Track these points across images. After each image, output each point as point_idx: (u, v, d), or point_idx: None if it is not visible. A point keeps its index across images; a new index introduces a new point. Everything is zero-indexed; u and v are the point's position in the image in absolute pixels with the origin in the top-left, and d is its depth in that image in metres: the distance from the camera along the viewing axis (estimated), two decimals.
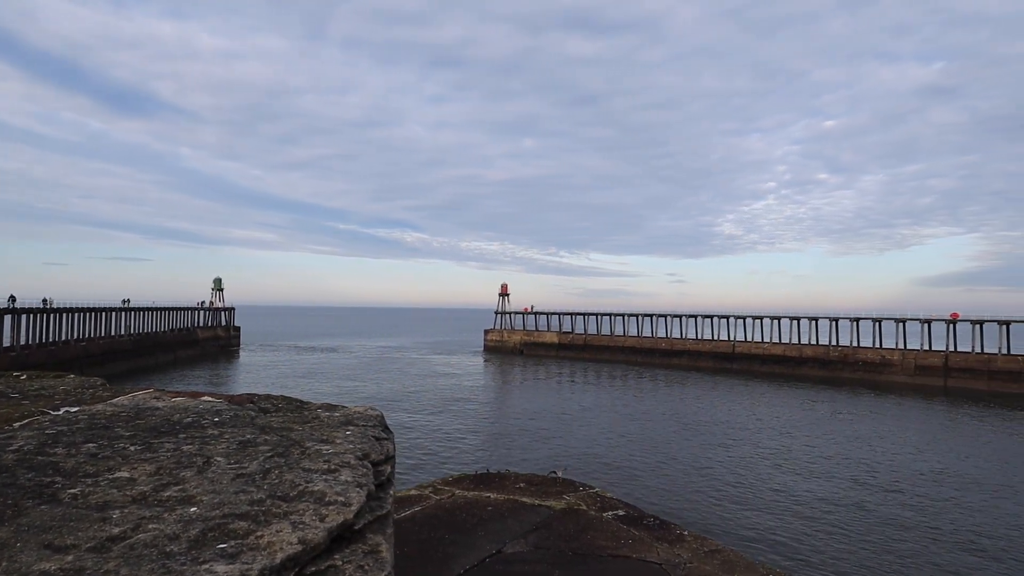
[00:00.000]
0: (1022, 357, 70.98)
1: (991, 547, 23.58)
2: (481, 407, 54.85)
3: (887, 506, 28.32)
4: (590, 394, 64.22)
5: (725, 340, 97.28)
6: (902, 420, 52.16)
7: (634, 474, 32.74)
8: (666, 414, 52.12)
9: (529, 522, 9.54)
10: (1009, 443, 43.55)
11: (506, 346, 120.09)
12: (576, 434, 42.93)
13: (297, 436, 1.95)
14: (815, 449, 40.04)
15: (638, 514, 10.10)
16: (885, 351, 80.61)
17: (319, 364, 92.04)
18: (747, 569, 8.07)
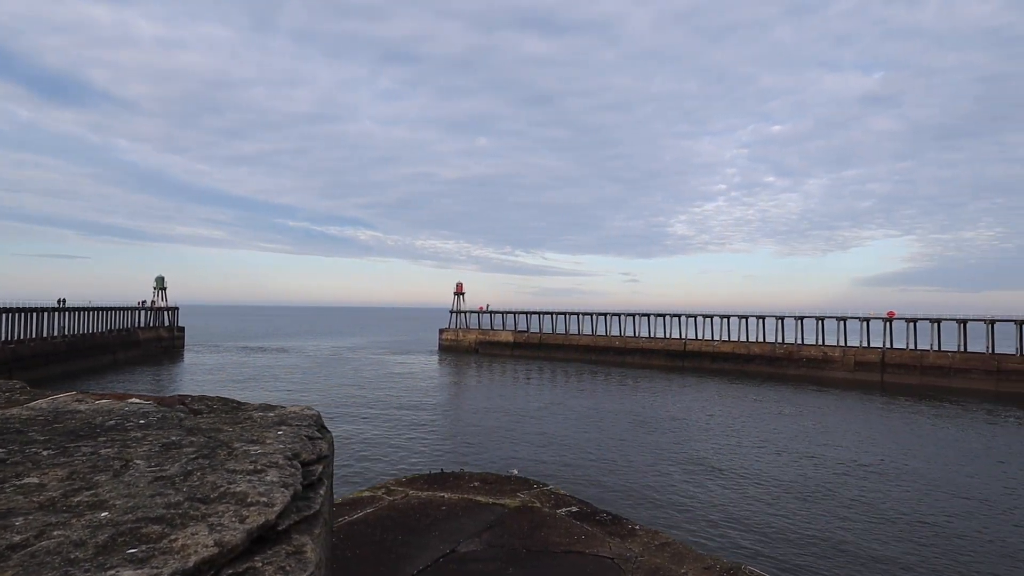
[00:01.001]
0: (951, 353, 75.08)
1: (928, 534, 24.77)
2: (436, 407, 54.51)
3: (831, 498, 29.43)
4: (545, 393, 64.63)
5: (677, 338, 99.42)
6: (843, 415, 54.34)
7: (589, 471, 33.09)
8: (620, 412, 52.89)
9: (483, 521, 9.50)
10: (940, 435, 45.90)
11: (461, 345, 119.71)
12: (531, 433, 43.12)
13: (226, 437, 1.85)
14: (762, 444, 41.30)
15: (591, 510, 10.19)
16: (827, 348, 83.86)
17: (268, 365, 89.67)
18: (695, 560, 8.23)
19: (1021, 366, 69.12)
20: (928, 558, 22.29)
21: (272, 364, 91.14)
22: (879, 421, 51.35)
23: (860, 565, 21.54)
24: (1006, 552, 23.03)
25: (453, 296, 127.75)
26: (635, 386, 70.74)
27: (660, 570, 7.50)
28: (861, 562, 21.80)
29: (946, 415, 54.60)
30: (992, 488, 31.43)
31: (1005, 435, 46.09)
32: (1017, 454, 39.59)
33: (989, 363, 71.28)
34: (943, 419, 52.64)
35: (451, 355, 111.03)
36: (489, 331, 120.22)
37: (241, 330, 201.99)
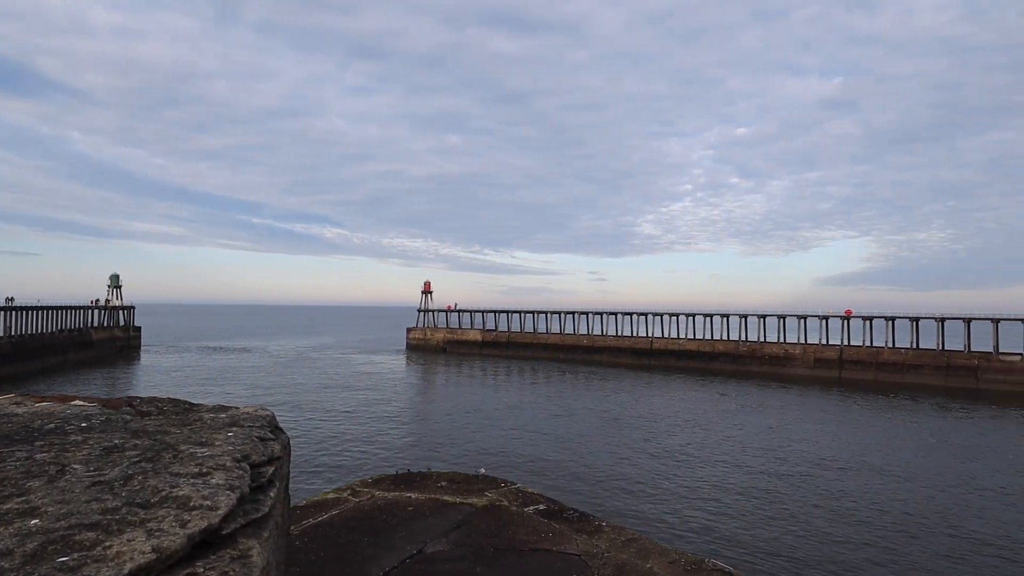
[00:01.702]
0: (904, 350, 77.78)
1: (887, 522, 25.57)
2: (404, 406, 54.07)
3: (793, 492, 30.14)
4: (513, 391, 64.69)
5: (644, 337, 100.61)
6: (804, 411, 55.74)
7: (557, 469, 33.22)
8: (588, 410, 53.26)
9: (451, 520, 9.43)
10: (895, 430, 47.45)
11: (429, 344, 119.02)
12: (500, 432, 43.10)
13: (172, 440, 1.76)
14: (727, 441, 42.08)
15: (559, 508, 10.21)
16: (788, 345, 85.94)
17: (230, 366, 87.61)
18: (661, 555, 8.31)
19: (968, 362, 71.95)
20: (887, 547, 22.99)
21: (234, 365, 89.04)
22: (838, 416, 52.83)
23: (821, 555, 22.10)
24: (960, 535, 23.91)
25: (421, 295, 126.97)
26: (603, 384, 71.33)
27: (626, 566, 7.55)
28: (822, 552, 22.37)
29: (900, 409, 56.47)
30: (946, 478, 32.61)
31: (955, 428, 47.91)
32: (968, 447, 41.16)
33: (939, 359, 74.02)
34: (897, 413, 54.43)
35: (419, 354, 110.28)
36: (457, 330, 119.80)
37: (202, 330, 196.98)
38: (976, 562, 21.82)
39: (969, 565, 21.59)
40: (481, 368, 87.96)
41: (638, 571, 7.46)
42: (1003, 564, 21.74)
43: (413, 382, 73.39)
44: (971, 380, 70.52)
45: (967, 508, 27.84)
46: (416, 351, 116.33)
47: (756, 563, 21.15)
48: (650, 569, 7.56)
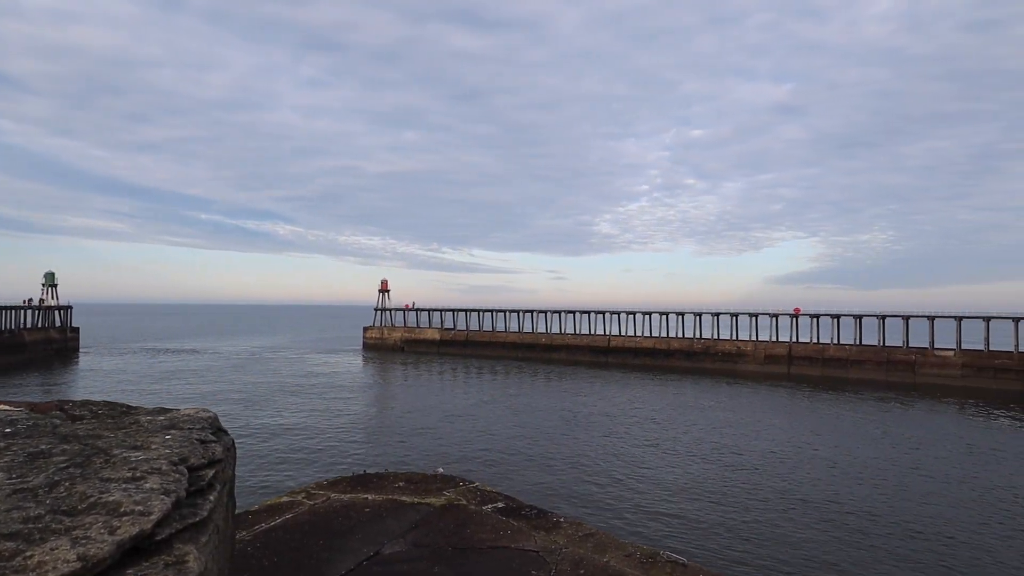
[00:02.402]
0: (848, 346, 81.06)
1: (835, 511, 26.51)
2: (360, 407, 53.30)
3: (746, 484, 30.96)
4: (472, 390, 64.55)
5: (601, 335, 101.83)
6: (755, 405, 57.34)
7: (516, 467, 33.30)
8: (547, 408, 53.56)
9: (409, 521, 9.34)
10: (841, 423, 49.30)
11: (386, 343, 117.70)
12: (459, 431, 42.94)
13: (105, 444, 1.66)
14: (682, 436, 42.94)
15: (517, 505, 10.23)
16: (740, 343, 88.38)
17: (178, 367, 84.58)
18: (617, 548, 8.42)
19: (907, 357, 75.37)
20: (838, 536, 23.85)
21: (181, 367, 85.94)
22: (787, 411, 54.56)
23: (773, 545, 22.77)
24: (906, 520, 25.00)
25: (378, 293, 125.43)
26: (561, 382, 71.87)
27: (583, 560, 7.62)
28: (774, 541, 23.05)
29: (845, 403, 58.73)
30: (890, 468, 34.05)
31: (896, 421, 50.06)
32: (909, 438, 43.06)
33: (880, 355, 77.33)
34: (843, 407, 56.57)
35: (376, 354, 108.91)
36: (415, 329, 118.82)
37: (147, 330, 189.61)
38: (922, 546, 22.84)
39: (915, 549, 22.59)
40: (439, 367, 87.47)
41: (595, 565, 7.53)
42: (945, 546, 22.82)
43: (370, 382, 72.42)
44: (909, 374, 73.92)
45: (911, 495, 29.13)
46: (373, 350, 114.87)
47: (711, 554, 21.64)
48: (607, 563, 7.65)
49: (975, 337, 75.62)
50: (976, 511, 26.99)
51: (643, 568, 7.52)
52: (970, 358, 71.94)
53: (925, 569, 21.00)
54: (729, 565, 20.53)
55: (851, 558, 21.79)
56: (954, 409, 55.78)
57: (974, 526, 25.11)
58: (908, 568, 21.09)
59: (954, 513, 26.78)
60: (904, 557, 21.97)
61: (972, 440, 42.35)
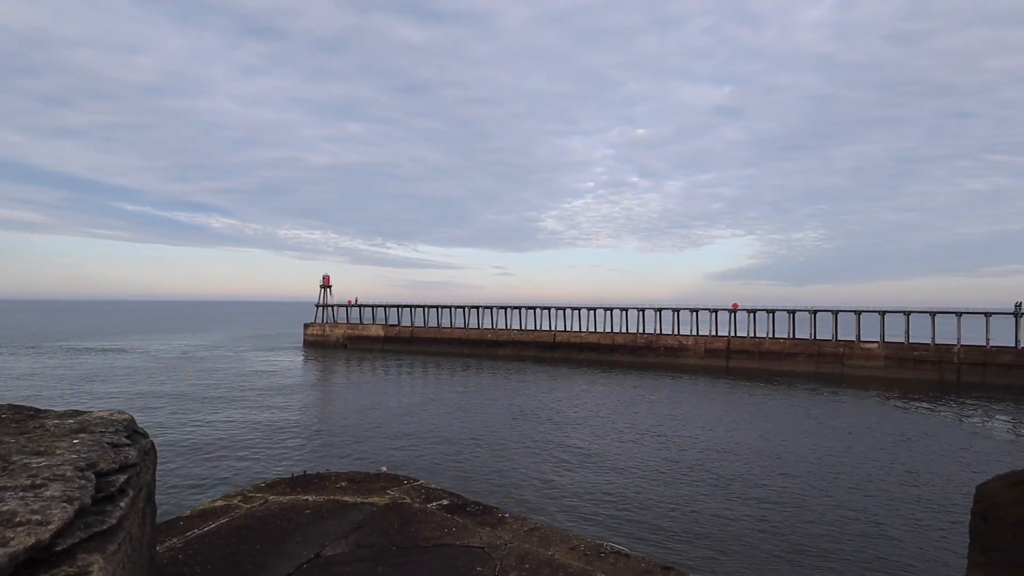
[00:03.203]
0: (783, 340, 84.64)
1: (772, 499, 27.61)
2: (301, 406, 51.95)
3: (689, 475, 31.87)
4: (417, 387, 63.96)
5: (547, 331, 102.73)
6: (697, 398, 59.11)
7: (462, 464, 33.21)
8: (493, 404, 53.64)
9: (351, 521, 9.14)
10: (777, 414, 51.41)
11: (328, 340, 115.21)
12: (404, 429, 42.47)
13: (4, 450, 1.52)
14: (627, 429, 43.82)
15: (462, 502, 10.18)
16: (682, 337, 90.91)
17: (101, 368, 79.88)
18: (562, 541, 8.50)
19: (836, 350, 79.36)
20: (777, 522, 24.85)
21: (105, 367, 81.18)
22: (727, 403, 56.48)
23: (715, 533, 23.53)
24: (841, 505, 26.29)
25: (319, 289, 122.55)
26: (507, 378, 72.10)
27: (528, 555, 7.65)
28: (716, 530, 23.82)
29: (780, 395, 61.29)
30: (824, 457, 35.73)
31: (826, 411, 52.59)
32: (839, 428, 45.29)
33: (811, 348, 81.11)
34: (778, 399, 59.03)
35: (317, 351, 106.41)
36: (358, 325, 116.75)
37: (68, 328, 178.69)
38: (854, 530, 24.07)
39: (849, 532, 23.78)
40: (383, 364, 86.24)
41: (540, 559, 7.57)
42: (873, 529, 24.13)
43: (311, 380, 70.67)
44: (837, 366, 77.84)
45: (843, 481, 30.65)
46: (314, 348, 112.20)
47: (653, 543, 22.18)
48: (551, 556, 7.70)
49: (897, 330, 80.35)
50: (900, 494, 28.66)
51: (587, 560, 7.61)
52: (892, 350, 76.39)
53: (857, 547, 22.16)
54: (670, 554, 21.09)
55: (789, 543, 22.76)
56: (878, 398, 59.06)
57: (898, 507, 26.66)
58: (842, 547, 22.20)
59: (881, 496, 28.36)
60: (837, 538, 23.11)
61: (895, 428, 44.97)
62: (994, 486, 4.72)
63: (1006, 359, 70.28)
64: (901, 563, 21.02)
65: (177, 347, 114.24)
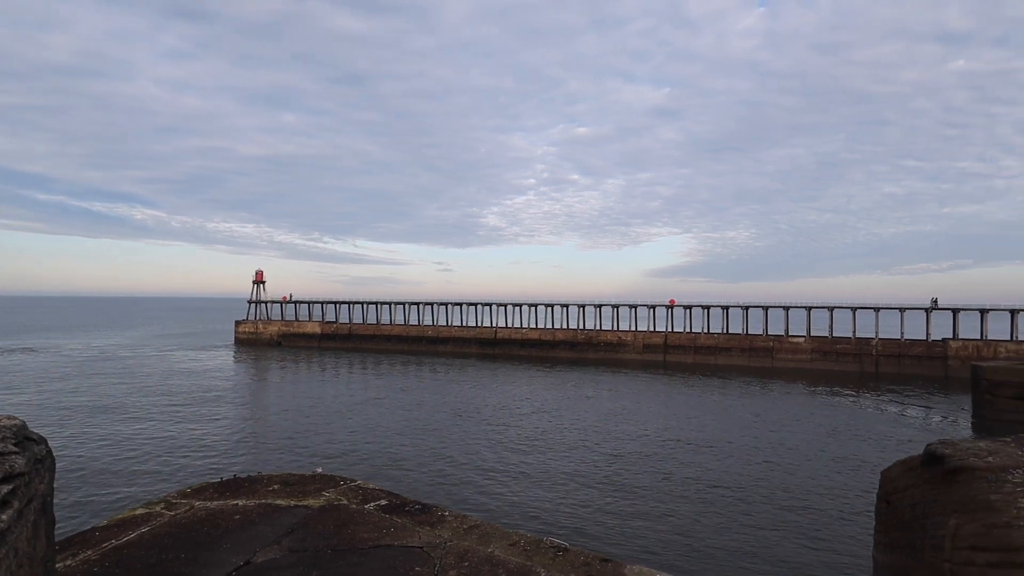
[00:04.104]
0: (717, 335, 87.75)
1: (709, 489, 28.47)
2: (232, 407, 49.95)
3: (629, 469, 32.46)
4: (356, 386, 62.69)
5: (488, 327, 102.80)
6: (636, 392, 60.39)
7: (403, 463, 32.73)
8: (434, 401, 53.16)
9: (284, 525, 8.79)
10: (713, 406, 53.15)
11: (262, 338, 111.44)
12: (342, 428, 41.50)
13: None
14: (567, 424, 44.29)
15: (401, 501, 9.97)
16: (621, 333, 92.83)
17: (5, 370, 74.45)
18: (502, 538, 8.45)
19: (766, 344, 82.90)
20: (716, 512, 25.62)
21: (11, 368, 75.63)
22: (665, 397, 57.98)
23: (655, 526, 24.06)
24: (777, 491, 27.37)
25: (252, 285, 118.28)
26: (448, 375, 71.66)
27: (468, 552, 7.55)
28: (654, 522, 24.36)
29: (715, 387, 63.46)
30: (757, 446, 37.17)
31: (757, 402, 54.79)
32: (769, 418, 47.25)
33: (744, 342, 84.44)
34: (714, 391, 61.08)
35: (249, 349, 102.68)
36: (293, 322, 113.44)
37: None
38: (787, 518, 25.10)
39: (781, 519, 24.78)
40: (320, 362, 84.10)
41: (479, 557, 7.50)
42: (801, 515, 25.26)
43: (243, 380, 68.07)
44: (768, 359, 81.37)
45: (776, 470, 31.96)
46: (246, 346, 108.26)
47: (595, 536, 22.48)
48: (491, 553, 7.64)
49: (822, 325, 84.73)
50: (828, 481, 30.15)
51: (526, 555, 7.59)
52: (817, 344, 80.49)
53: (788, 532, 23.14)
54: (609, 547, 21.44)
55: (725, 530, 23.53)
56: (805, 390, 62.03)
57: (824, 492, 28.04)
58: (774, 532, 23.13)
59: (810, 483, 29.74)
60: (770, 524, 24.07)
61: (821, 418, 47.33)
62: (894, 471, 5.07)
63: (918, 351, 75.28)
64: (826, 547, 22.10)
65: (95, 347, 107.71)
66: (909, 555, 3.96)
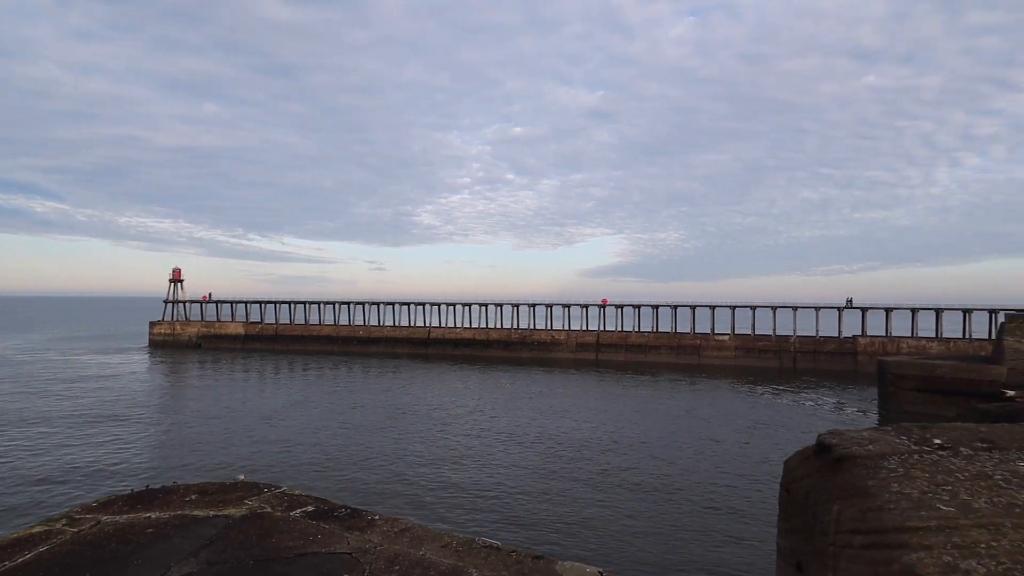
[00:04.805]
0: (647, 333, 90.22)
1: (645, 486, 29.07)
2: (146, 414, 47.04)
3: (564, 469, 32.75)
4: (283, 388, 60.49)
5: (422, 326, 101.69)
6: (570, 391, 61.19)
7: (333, 467, 31.77)
8: (365, 403, 52.00)
9: (203, 536, 8.23)
10: (644, 403, 54.54)
11: (180, 340, 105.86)
12: (268, 434, 39.87)
13: None
14: (502, 424, 44.32)
15: (329, 507, 9.55)
16: (554, 332, 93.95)
17: None
18: (434, 540, 8.22)
19: (693, 342, 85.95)
20: (649, 510, 26.16)
21: None
22: (599, 395, 59.04)
23: (586, 522, 24.33)
24: (701, 484, 28.23)
25: (169, 283, 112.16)
26: (381, 376, 70.33)
27: (399, 556, 7.30)
28: (587, 519, 24.64)
29: (646, 385, 65.18)
30: (686, 442, 38.32)
31: (686, 399, 56.67)
32: (701, 416, 48.90)
33: (673, 340, 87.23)
34: (645, 389, 62.72)
35: (166, 352, 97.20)
36: (215, 323, 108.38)
37: None
38: (719, 508, 25.94)
39: (710, 511, 25.59)
40: (244, 365, 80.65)
41: (411, 560, 7.26)
42: (734, 501, 26.19)
43: (158, 384, 64.29)
44: (695, 357, 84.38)
45: (704, 464, 33.03)
46: (162, 348, 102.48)
47: (529, 535, 22.51)
48: (423, 556, 7.42)
49: (745, 323, 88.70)
50: (752, 471, 31.44)
51: (459, 556, 7.42)
52: (741, 341, 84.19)
53: (717, 523, 23.93)
54: (543, 545, 21.54)
55: (657, 524, 24.09)
56: (730, 386, 64.67)
57: (750, 484, 29.22)
58: (705, 522, 23.87)
59: (734, 474, 30.93)
60: (699, 515, 24.84)
61: (745, 413, 49.46)
62: (793, 461, 5.36)
63: (831, 347, 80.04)
64: (745, 535, 23.02)
65: None
66: (804, 540, 4.22)
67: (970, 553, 3.49)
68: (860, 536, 4.07)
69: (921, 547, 3.67)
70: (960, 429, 6.05)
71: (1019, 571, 3.30)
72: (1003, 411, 8.75)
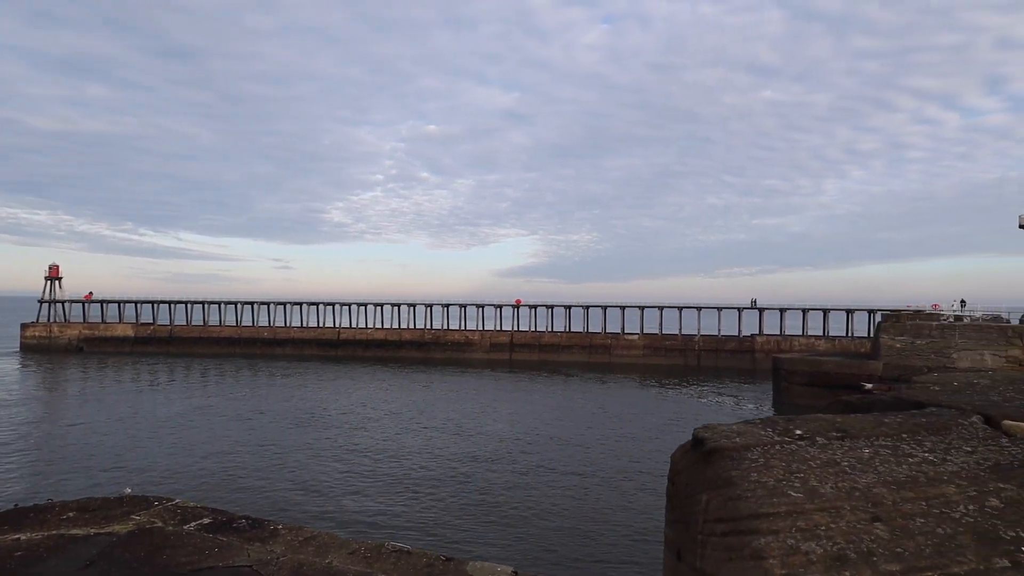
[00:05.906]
0: (560, 333, 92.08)
1: (570, 484, 29.54)
2: (16, 426, 42.61)
3: (480, 470, 32.71)
4: (179, 395, 56.77)
5: (331, 327, 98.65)
6: (484, 392, 61.30)
7: (234, 477, 30.15)
8: (270, 409, 49.78)
9: (82, 557, 7.60)
10: (558, 402, 55.52)
11: (57, 343, 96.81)
12: (161, 444, 37.25)
13: None
14: (414, 427, 43.75)
15: (228, 518, 9.09)
16: (468, 332, 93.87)
17: None
18: (341, 547, 8.03)
19: (604, 342, 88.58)
20: (555, 504, 26.60)
21: None
22: (513, 395, 59.52)
23: (498, 522, 24.45)
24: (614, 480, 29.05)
25: (45, 281, 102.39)
26: (287, 379, 67.58)
27: (304, 566, 7.07)
28: (500, 518, 24.76)
29: (559, 384, 66.44)
30: (601, 441, 39.34)
31: (597, 398, 58.25)
32: (613, 413, 50.34)
33: (585, 340, 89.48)
34: (558, 387, 63.90)
35: (41, 356, 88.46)
36: (99, 324, 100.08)
37: None
38: (635, 502, 26.77)
39: (624, 505, 26.38)
40: (134, 370, 74.97)
41: (316, 569, 7.04)
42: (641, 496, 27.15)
43: (31, 393, 58.44)
44: (606, 356, 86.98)
45: (616, 461, 34.01)
46: (37, 352, 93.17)
47: (441, 537, 22.37)
48: (329, 564, 7.22)
49: (653, 323, 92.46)
50: (656, 467, 32.76)
51: (367, 563, 7.29)
52: (649, 340, 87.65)
53: (628, 517, 24.75)
54: (454, 546, 21.48)
55: (569, 520, 24.57)
56: (638, 383, 67.14)
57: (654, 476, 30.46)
58: (616, 515, 24.62)
59: (644, 469, 32.12)
60: (615, 509, 25.59)
61: (653, 409, 51.50)
62: (677, 454, 5.74)
63: (731, 346, 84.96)
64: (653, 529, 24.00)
65: None
66: (683, 530, 4.61)
67: (811, 536, 3.86)
68: (722, 524, 4.41)
69: (769, 532, 4.02)
70: (820, 420, 6.64)
71: (851, 550, 3.68)
72: (861, 402, 9.66)
